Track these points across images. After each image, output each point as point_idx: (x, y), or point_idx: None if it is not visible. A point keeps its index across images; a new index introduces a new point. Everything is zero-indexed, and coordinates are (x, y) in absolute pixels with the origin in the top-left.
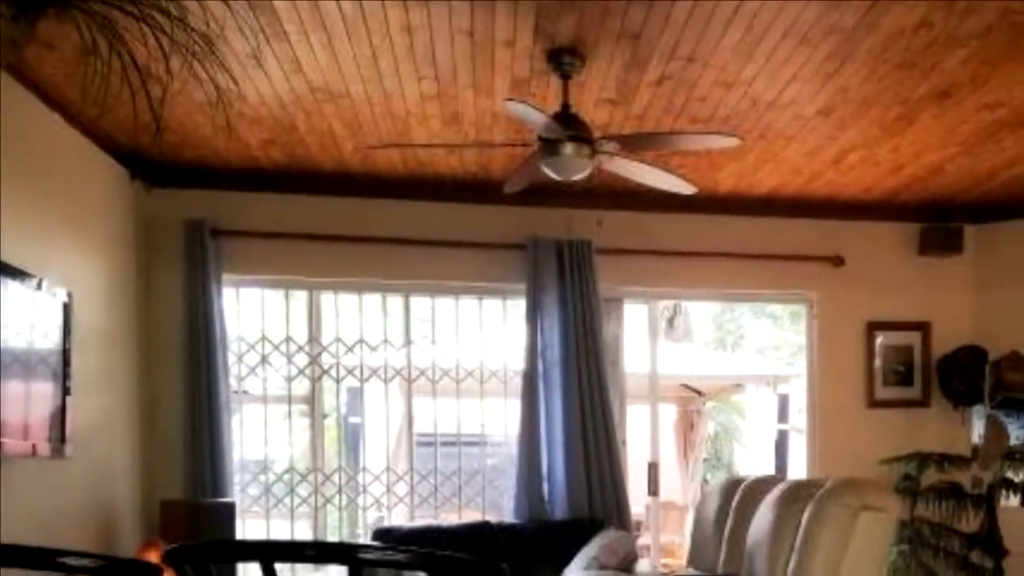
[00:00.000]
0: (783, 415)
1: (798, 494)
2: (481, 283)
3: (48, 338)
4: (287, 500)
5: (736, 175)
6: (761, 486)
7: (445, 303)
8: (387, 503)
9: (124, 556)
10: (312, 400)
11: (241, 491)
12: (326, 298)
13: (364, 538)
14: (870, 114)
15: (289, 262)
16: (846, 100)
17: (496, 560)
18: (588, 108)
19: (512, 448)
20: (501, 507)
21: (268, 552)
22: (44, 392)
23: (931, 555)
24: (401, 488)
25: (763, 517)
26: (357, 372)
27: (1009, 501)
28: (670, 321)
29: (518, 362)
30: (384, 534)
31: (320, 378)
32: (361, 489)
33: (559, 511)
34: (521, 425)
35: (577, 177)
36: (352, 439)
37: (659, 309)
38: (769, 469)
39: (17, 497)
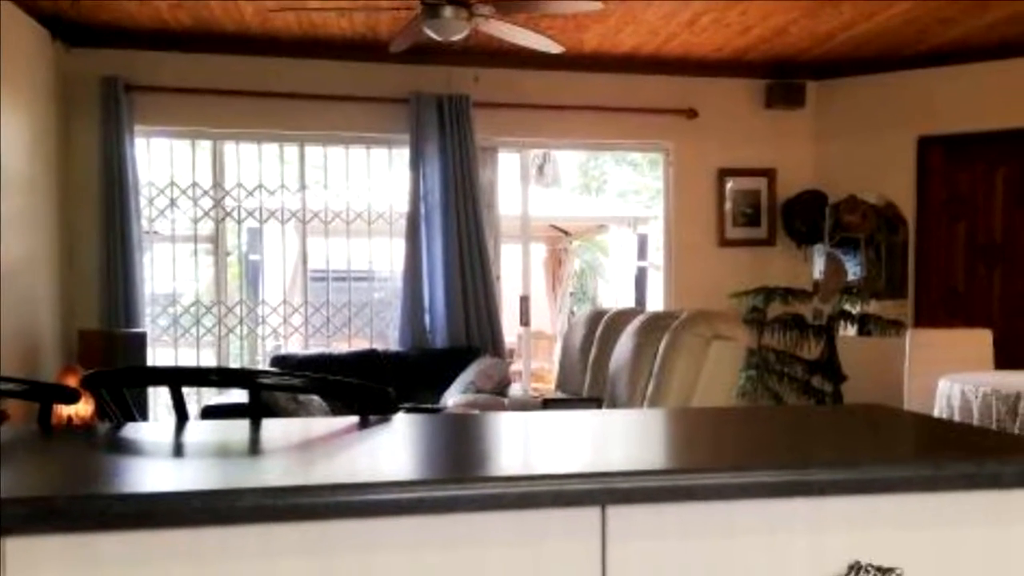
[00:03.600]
0: (642, 253)
1: (656, 324)
2: (369, 134)
3: None
4: (193, 330)
5: (600, 36)
6: (622, 317)
7: (336, 152)
8: (284, 333)
9: (45, 381)
10: (216, 239)
11: (152, 322)
12: (229, 147)
13: (263, 364)
14: None
15: (195, 115)
16: None
17: (382, 384)
18: None
19: (397, 283)
20: (387, 336)
21: (176, 377)
22: None
23: (776, 380)
24: (296, 319)
25: (624, 345)
26: (257, 214)
27: (847, 331)
28: (540, 168)
29: (403, 205)
30: (281, 361)
31: (223, 220)
32: (260, 320)
33: (439, 340)
34: (405, 262)
35: (456, 38)
36: (252, 275)
37: (530, 157)
38: (629, 302)
39: None
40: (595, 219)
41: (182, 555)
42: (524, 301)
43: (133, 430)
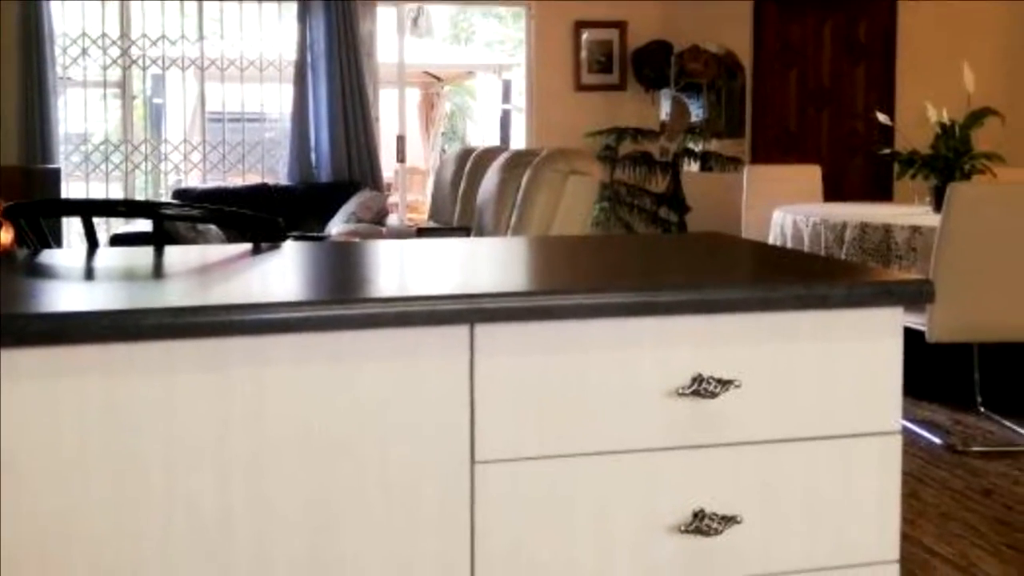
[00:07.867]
0: (506, 97)
1: (519, 161)
2: None
3: None
4: (103, 166)
5: None
6: (489, 155)
7: (231, 6)
8: (184, 169)
9: None
10: (123, 85)
11: (65, 159)
12: (135, 2)
13: (165, 197)
14: None
15: None
16: None
17: (273, 215)
18: None
19: (286, 124)
20: (277, 172)
21: (87, 208)
22: None
23: (627, 211)
24: (196, 156)
25: (490, 180)
26: (160, 62)
27: (690, 167)
28: (415, 20)
29: (291, 54)
30: (182, 194)
31: (130, 67)
32: (163, 157)
33: (324, 175)
34: (293, 105)
35: None
36: (156, 117)
37: (406, 11)
38: (495, 141)
39: None
40: (464, 66)
41: (93, 369)
42: (400, 140)
43: (49, 256)
